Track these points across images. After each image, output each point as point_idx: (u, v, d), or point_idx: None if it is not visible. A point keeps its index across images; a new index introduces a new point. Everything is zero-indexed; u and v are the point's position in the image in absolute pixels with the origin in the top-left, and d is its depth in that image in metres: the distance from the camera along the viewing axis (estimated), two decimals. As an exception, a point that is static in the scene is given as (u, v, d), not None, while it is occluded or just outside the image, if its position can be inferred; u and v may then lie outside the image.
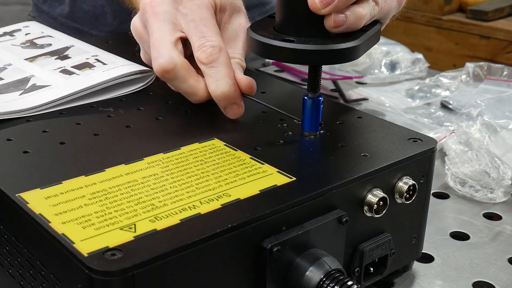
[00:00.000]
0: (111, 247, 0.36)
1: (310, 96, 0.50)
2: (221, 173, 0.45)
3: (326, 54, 0.46)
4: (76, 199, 0.41)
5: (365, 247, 0.47)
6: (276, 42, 0.46)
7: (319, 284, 0.42)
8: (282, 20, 0.48)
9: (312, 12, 0.46)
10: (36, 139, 0.50)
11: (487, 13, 1.53)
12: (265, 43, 0.47)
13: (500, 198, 0.65)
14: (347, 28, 0.47)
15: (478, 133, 0.69)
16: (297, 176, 0.44)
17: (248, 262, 0.40)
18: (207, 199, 0.42)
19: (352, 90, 0.91)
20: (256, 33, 0.48)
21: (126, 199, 0.41)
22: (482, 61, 0.97)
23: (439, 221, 0.62)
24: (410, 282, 0.53)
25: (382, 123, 0.54)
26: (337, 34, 0.47)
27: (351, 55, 0.47)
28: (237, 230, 0.39)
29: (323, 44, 0.46)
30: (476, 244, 0.59)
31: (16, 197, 0.41)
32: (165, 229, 0.38)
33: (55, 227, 0.38)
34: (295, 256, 0.42)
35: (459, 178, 0.67)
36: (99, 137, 0.51)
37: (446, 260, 0.56)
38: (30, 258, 0.41)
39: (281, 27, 0.48)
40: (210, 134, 0.51)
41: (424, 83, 0.92)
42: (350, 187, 0.45)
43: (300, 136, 0.51)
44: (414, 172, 0.49)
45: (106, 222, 0.39)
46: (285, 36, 0.47)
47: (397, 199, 0.48)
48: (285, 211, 0.41)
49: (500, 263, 0.56)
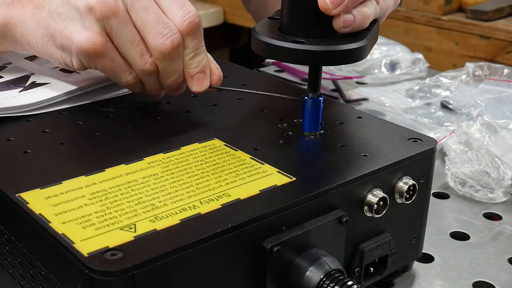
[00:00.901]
0: (111, 247, 0.36)
1: (310, 96, 0.50)
2: (221, 173, 0.45)
3: (338, 55, 0.46)
4: (76, 199, 0.41)
5: (365, 247, 0.47)
6: (287, 44, 0.46)
7: (319, 284, 0.42)
8: (288, 22, 0.48)
9: (320, 12, 0.46)
10: (36, 139, 0.50)
11: (487, 13, 1.53)
12: (276, 45, 0.46)
13: (500, 198, 0.65)
14: (354, 28, 0.47)
15: (478, 133, 0.69)
16: (297, 176, 0.44)
17: (248, 262, 0.40)
18: (207, 199, 0.42)
19: (352, 90, 0.91)
20: (264, 35, 0.47)
21: (126, 199, 0.41)
22: (482, 61, 0.97)
23: (439, 221, 0.62)
24: (410, 282, 0.53)
25: (382, 123, 0.54)
26: (343, 34, 0.47)
27: (360, 54, 0.47)
28: (237, 230, 0.39)
29: (334, 45, 0.46)
30: (476, 244, 0.59)
31: (16, 197, 0.41)
32: (165, 229, 0.38)
33: (55, 227, 0.38)
34: (295, 256, 0.42)
35: (459, 178, 0.67)
36: (99, 137, 0.51)
37: (446, 260, 0.56)
38: (30, 258, 0.41)
39: (287, 28, 0.48)
40: (210, 134, 0.51)
41: (424, 83, 0.92)
42: (350, 187, 0.45)
43: (300, 136, 0.51)
44: (414, 172, 0.49)
45: (106, 222, 0.39)
46: (293, 38, 0.47)
47: (397, 199, 0.48)
48: (285, 211, 0.41)
49: (500, 263, 0.56)
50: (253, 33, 0.49)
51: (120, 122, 0.54)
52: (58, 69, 0.62)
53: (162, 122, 0.54)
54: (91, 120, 0.54)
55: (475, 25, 1.55)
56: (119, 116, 0.55)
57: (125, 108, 0.56)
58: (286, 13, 0.48)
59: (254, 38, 0.48)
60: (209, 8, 2.03)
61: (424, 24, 1.63)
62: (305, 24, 0.47)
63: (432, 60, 1.25)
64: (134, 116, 0.55)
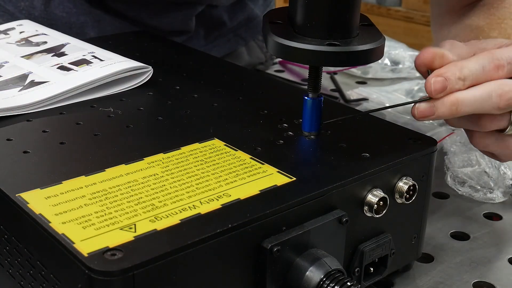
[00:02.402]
0: (111, 247, 0.36)
1: (310, 96, 0.50)
2: (221, 173, 0.45)
3: (372, 53, 0.47)
4: (76, 199, 0.41)
5: (365, 247, 0.47)
6: (325, 48, 0.45)
7: (319, 284, 0.42)
8: (313, 23, 0.46)
9: (343, 14, 0.46)
10: (36, 139, 0.50)
11: (487, 13, 1.53)
12: (314, 50, 0.45)
13: (500, 198, 0.65)
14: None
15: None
16: (297, 176, 0.44)
17: (248, 262, 0.40)
18: (207, 199, 0.42)
19: (352, 90, 0.91)
20: (290, 40, 0.46)
21: (126, 199, 0.41)
22: (482, 61, 0.97)
23: (439, 221, 0.62)
24: (410, 282, 0.53)
25: (382, 123, 0.54)
26: (359, 36, 0.47)
27: (381, 52, 0.48)
28: (237, 230, 0.39)
29: (364, 44, 0.46)
30: (476, 244, 0.59)
31: (16, 197, 0.41)
32: (165, 229, 0.38)
33: (55, 227, 0.38)
34: (295, 256, 0.42)
35: (458, 178, 0.67)
36: (99, 137, 0.51)
37: (446, 260, 0.56)
38: (30, 258, 0.41)
39: (309, 30, 0.46)
40: (210, 134, 0.51)
41: (424, 83, 0.92)
42: (350, 187, 0.45)
43: (300, 136, 0.51)
44: (414, 172, 0.49)
45: (106, 222, 0.39)
46: (326, 41, 0.46)
47: (397, 199, 0.48)
48: (285, 211, 0.41)
49: (500, 263, 0.56)
50: (270, 36, 0.47)
51: (120, 122, 0.54)
52: (56, 67, 0.62)
53: (162, 122, 0.54)
54: (91, 120, 0.54)
55: (475, 25, 1.54)
56: (119, 116, 0.55)
57: (125, 108, 0.56)
58: (307, 15, 0.46)
59: (270, 41, 0.47)
60: (209, 8, 2.02)
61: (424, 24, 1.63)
62: (329, 26, 0.46)
63: (432, 60, 1.25)
64: (134, 116, 0.55)
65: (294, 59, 0.48)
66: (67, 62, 0.64)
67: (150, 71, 0.62)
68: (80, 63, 0.63)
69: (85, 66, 0.62)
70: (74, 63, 0.63)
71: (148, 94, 0.60)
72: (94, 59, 0.63)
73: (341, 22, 0.46)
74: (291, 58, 0.47)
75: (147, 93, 0.60)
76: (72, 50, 0.67)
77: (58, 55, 0.66)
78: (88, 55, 0.65)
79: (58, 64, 0.63)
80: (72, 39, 0.71)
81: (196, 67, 0.68)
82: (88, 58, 0.64)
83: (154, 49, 0.74)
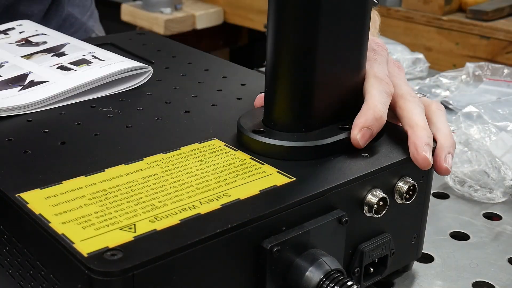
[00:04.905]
0: (111, 247, 0.36)
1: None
2: (221, 173, 0.45)
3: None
4: (76, 199, 0.41)
5: (365, 247, 0.47)
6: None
7: (319, 284, 0.42)
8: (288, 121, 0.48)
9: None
10: (36, 139, 0.50)
11: (487, 13, 1.53)
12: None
13: (499, 198, 0.65)
14: None
15: (477, 134, 0.69)
16: (297, 176, 0.44)
17: (248, 262, 0.40)
18: (207, 199, 0.42)
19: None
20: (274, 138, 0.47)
21: (126, 199, 0.41)
22: (482, 61, 0.97)
23: (439, 221, 0.62)
24: (410, 282, 0.53)
25: (382, 123, 0.54)
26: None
27: None
28: (237, 230, 0.39)
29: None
30: (476, 244, 0.59)
31: (16, 197, 0.41)
32: (165, 229, 0.38)
33: (55, 227, 0.38)
34: (295, 256, 0.42)
35: (458, 178, 0.67)
36: (99, 137, 0.51)
37: (446, 260, 0.56)
38: (30, 258, 0.41)
39: (285, 125, 0.48)
40: (210, 134, 0.51)
41: (424, 83, 0.92)
42: (350, 187, 0.45)
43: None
44: (414, 172, 0.49)
45: (106, 222, 0.39)
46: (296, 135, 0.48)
47: (397, 199, 0.48)
48: (285, 211, 0.41)
49: (500, 263, 0.56)
50: (248, 135, 0.48)
51: (120, 122, 0.54)
52: (56, 67, 0.62)
53: (162, 122, 0.54)
54: (91, 120, 0.54)
55: (475, 25, 1.55)
56: (119, 116, 0.55)
57: (125, 108, 0.56)
58: (290, 112, 0.48)
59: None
60: (209, 8, 2.02)
61: (424, 24, 1.63)
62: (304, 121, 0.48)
63: (432, 60, 1.25)
64: (134, 116, 0.55)
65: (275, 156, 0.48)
66: (67, 62, 0.64)
67: (150, 71, 0.62)
68: (80, 63, 0.63)
69: (85, 66, 0.62)
70: (74, 63, 0.63)
71: (148, 94, 0.60)
72: (94, 59, 0.63)
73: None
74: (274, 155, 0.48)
75: (147, 93, 0.60)
76: (72, 50, 0.67)
77: (58, 55, 0.66)
78: (88, 55, 0.65)
79: (58, 64, 0.63)
80: (72, 39, 0.71)
81: (196, 67, 0.68)
82: (88, 58, 0.64)
83: (154, 49, 0.74)
